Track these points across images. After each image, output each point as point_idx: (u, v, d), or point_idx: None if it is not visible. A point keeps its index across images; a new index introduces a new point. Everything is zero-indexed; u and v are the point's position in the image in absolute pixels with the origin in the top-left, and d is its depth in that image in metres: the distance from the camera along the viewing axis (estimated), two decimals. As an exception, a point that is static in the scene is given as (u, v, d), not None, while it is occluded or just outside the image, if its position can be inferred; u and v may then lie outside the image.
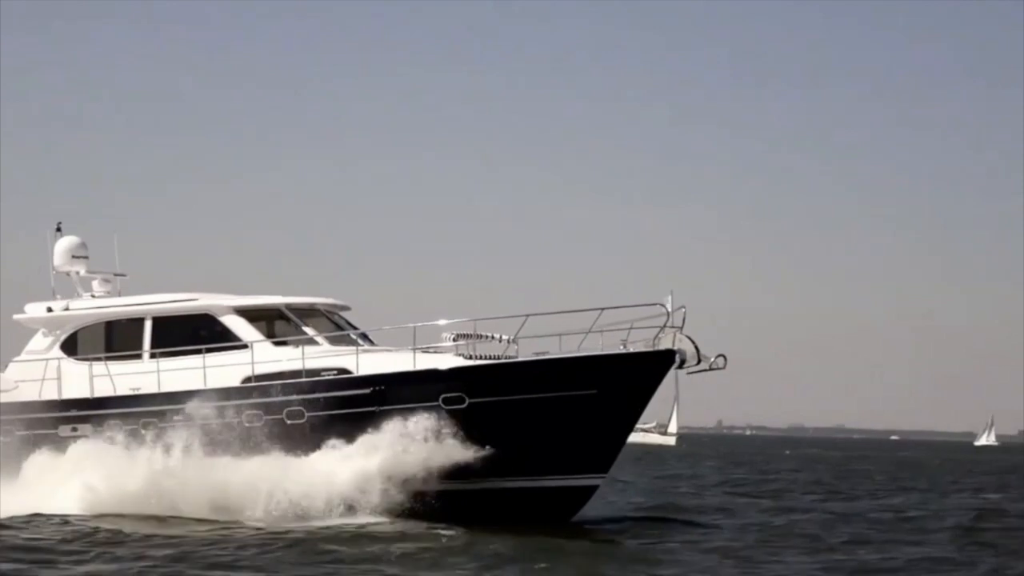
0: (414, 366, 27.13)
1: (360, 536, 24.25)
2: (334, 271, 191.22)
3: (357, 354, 27.75)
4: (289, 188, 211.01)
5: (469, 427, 26.59)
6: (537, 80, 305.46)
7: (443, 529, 24.98)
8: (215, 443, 27.07)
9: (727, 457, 77.22)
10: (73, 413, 29.06)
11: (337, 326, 29.44)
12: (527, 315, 26.81)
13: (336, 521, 25.90)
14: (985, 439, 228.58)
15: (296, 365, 27.67)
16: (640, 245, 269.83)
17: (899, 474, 62.40)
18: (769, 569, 21.81)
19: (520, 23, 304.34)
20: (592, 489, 27.71)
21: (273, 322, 29.29)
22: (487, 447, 26.55)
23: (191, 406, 27.46)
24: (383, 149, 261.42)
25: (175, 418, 27.68)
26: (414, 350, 27.37)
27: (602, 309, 26.44)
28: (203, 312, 29.04)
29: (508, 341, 27.39)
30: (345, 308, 30.07)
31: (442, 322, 27.77)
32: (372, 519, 26.10)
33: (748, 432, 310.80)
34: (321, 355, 27.95)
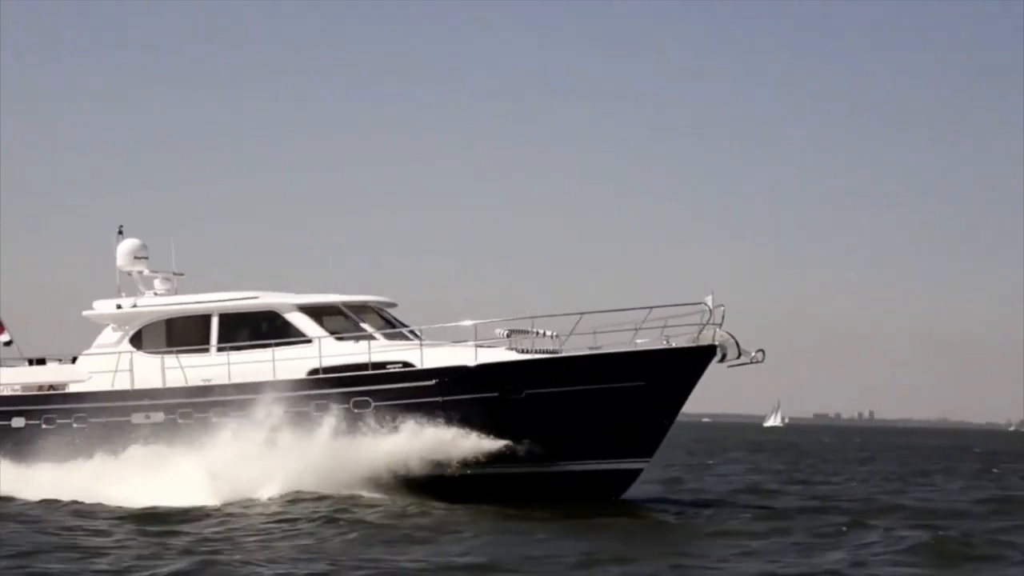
0: (475, 360, 29.26)
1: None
2: (347, 271, 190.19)
3: (421, 348, 29.85)
4: (292, 188, 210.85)
5: (527, 416, 28.87)
6: (544, 81, 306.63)
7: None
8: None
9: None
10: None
11: (388, 322, 31.24)
12: (581, 313, 28.96)
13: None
14: (772, 421, 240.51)
15: (363, 359, 29.77)
16: (637, 245, 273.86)
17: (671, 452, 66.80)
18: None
19: (535, 23, 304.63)
20: (638, 472, 30.28)
21: (322, 318, 30.89)
22: (543, 434, 28.85)
23: None
24: (385, 150, 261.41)
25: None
26: (476, 345, 29.46)
27: (650, 308, 28.65)
28: (268, 309, 30.80)
29: (556, 337, 29.77)
30: (392, 305, 31.88)
31: (485, 319, 29.73)
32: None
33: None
34: (385, 349, 30.00)
